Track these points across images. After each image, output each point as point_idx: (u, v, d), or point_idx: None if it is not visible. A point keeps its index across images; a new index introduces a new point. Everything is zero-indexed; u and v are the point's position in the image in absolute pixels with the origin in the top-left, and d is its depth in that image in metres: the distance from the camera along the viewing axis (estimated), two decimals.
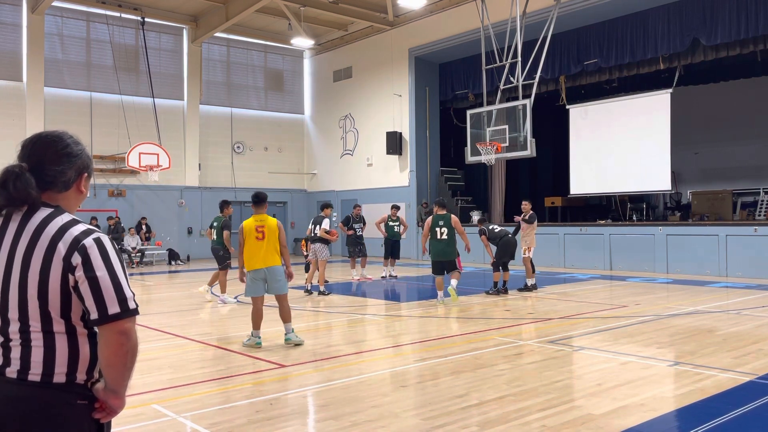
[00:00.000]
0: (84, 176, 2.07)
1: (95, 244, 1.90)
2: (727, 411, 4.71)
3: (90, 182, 2.12)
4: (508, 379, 5.72)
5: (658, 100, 16.98)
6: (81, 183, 2.06)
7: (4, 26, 19.42)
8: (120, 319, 1.87)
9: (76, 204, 2.08)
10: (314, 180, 25.99)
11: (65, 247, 1.87)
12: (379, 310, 10.65)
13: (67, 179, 2.01)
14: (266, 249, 7.45)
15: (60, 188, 2.00)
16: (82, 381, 1.91)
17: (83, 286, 1.86)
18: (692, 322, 8.69)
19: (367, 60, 23.29)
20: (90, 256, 1.87)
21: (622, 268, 16.47)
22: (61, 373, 1.87)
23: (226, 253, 11.51)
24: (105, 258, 1.89)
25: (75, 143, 2.06)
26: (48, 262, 1.86)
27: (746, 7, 14.82)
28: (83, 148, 2.08)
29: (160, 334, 8.35)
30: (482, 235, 12.16)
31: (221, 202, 11.69)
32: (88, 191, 2.11)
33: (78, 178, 2.04)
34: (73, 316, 1.90)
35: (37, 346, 1.87)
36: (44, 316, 1.87)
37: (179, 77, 22.86)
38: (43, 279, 1.86)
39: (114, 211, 21.08)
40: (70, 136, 2.07)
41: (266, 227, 7.50)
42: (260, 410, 4.93)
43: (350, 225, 15.21)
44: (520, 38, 15.17)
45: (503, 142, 15.41)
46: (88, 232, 1.92)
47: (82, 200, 2.10)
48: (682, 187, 21.14)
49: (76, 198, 2.07)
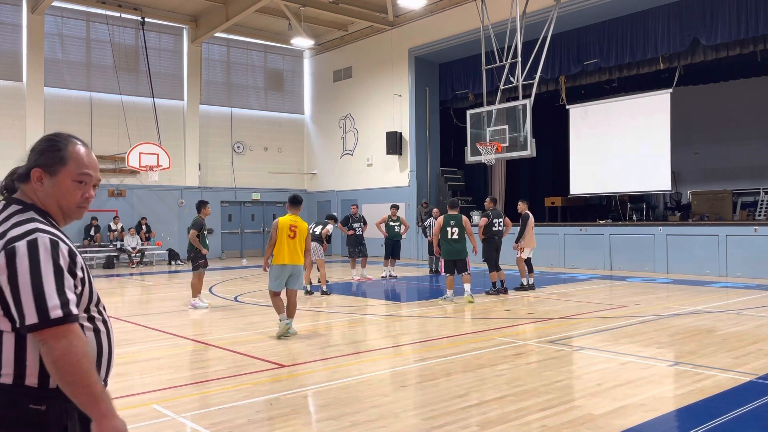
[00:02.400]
0: (37, 170, 1.97)
1: (26, 247, 1.79)
2: (727, 411, 4.71)
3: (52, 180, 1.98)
4: (508, 379, 5.72)
5: (658, 100, 16.99)
6: (33, 177, 1.97)
7: (4, 26, 19.41)
8: (38, 329, 1.75)
9: (49, 202, 1.99)
10: (314, 180, 25.99)
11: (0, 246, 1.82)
12: (379, 310, 10.65)
13: (23, 170, 2.00)
14: (295, 248, 8.09)
15: (19, 179, 2.01)
16: (33, 384, 1.82)
17: (6, 291, 1.78)
18: (692, 322, 8.69)
19: (367, 60, 23.29)
20: (16, 260, 1.78)
21: (622, 268, 16.46)
22: (7, 374, 1.81)
23: (198, 255, 10.79)
24: (33, 262, 1.78)
25: (51, 141, 2.02)
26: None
27: (746, 7, 14.82)
28: (57, 148, 2.00)
29: (160, 334, 8.35)
30: (483, 217, 12.14)
31: (198, 203, 11.06)
32: (49, 190, 1.98)
33: (32, 169, 1.97)
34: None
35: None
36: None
37: (179, 77, 22.86)
38: None
39: (114, 210, 21.08)
40: (57, 136, 2.04)
41: (298, 228, 8.19)
42: (260, 410, 4.93)
43: (350, 225, 15.22)
44: (520, 38, 15.17)
45: (503, 142, 15.41)
46: (29, 232, 1.83)
47: (53, 200, 1.99)
48: (682, 187, 21.14)
49: (38, 193, 1.98)
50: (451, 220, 10.96)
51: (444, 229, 10.97)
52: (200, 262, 10.83)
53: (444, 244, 11.04)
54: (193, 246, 10.88)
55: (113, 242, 20.40)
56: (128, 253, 20.18)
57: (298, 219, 8.27)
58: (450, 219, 10.98)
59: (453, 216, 11.00)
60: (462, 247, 11.00)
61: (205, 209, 10.93)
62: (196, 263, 10.85)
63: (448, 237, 10.94)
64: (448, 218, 11.01)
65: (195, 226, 10.85)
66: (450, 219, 10.98)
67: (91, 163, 2.06)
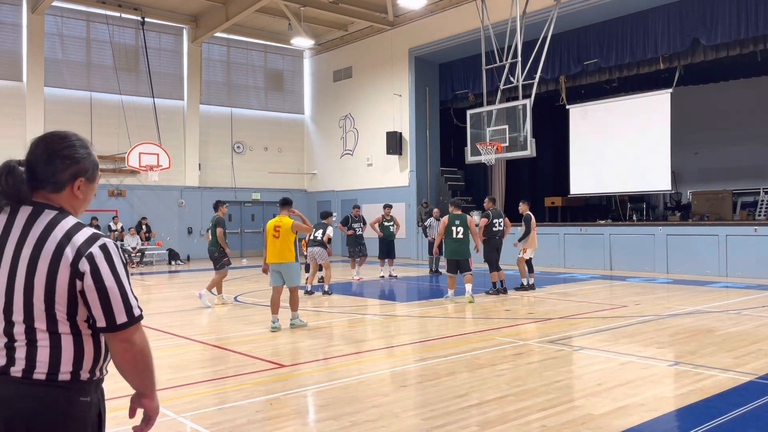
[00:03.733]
0: (80, 180, 2.01)
1: (102, 252, 1.91)
2: (727, 411, 4.71)
3: (89, 186, 2.05)
4: (508, 379, 5.72)
5: (658, 100, 16.98)
6: (74, 186, 2.00)
7: (4, 26, 19.42)
8: (127, 328, 1.92)
9: (79, 207, 2.05)
10: (314, 180, 25.99)
11: (72, 252, 1.87)
12: (379, 310, 10.66)
13: (57, 180, 1.97)
14: (279, 247, 8.55)
15: (51, 188, 1.97)
16: (85, 378, 1.93)
17: (91, 295, 1.89)
18: (692, 322, 8.69)
19: (367, 60, 23.29)
20: (98, 265, 1.89)
21: (622, 268, 16.46)
22: (66, 371, 1.89)
23: (222, 254, 11.06)
24: (111, 267, 1.91)
25: (81, 146, 2.02)
26: (55, 267, 1.86)
27: (746, 7, 14.81)
28: (88, 153, 2.04)
29: (160, 334, 8.35)
30: (483, 218, 12.16)
31: (215, 202, 11.48)
32: (86, 196, 2.04)
33: (72, 181, 1.99)
34: (78, 319, 1.92)
35: (43, 346, 1.88)
36: (50, 318, 1.88)
37: (179, 77, 22.86)
38: (50, 283, 1.86)
39: (114, 210, 21.09)
40: (78, 139, 2.04)
41: (282, 227, 8.60)
42: (260, 410, 4.93)
43: (350, 225, 15.23)
44: (520, 38, 15.17)
45: (503, 142, 15.41)
46: (95, 237, 1.93)
47: (85, 204, 2.06)
48: (682, 187, 21.14)
49: (74, 201, 2.02)
50: (456, 219, 11.07)
51: (449, 228, 11.07)
52: (225, 260, 11.07)
53: (449, 243, 11.13)
54: (218, 245, 11.05)
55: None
56: (128, 253, 20.19)
57: (283, 218, 8.69)
58: (455, 219, 11.09)
59: (458, 216, 11.13)
60: (466, 247, 11.10)
61: (222, 208, 11.36)
62: (221, 262, 11.04)
63: (453, 236, 11.04)
64: (453, 218, 11.11)
65: (220, 224, 11.14)
66: (455, 219, 11.09)
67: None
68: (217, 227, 11.06)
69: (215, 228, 11.09)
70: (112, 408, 2.12)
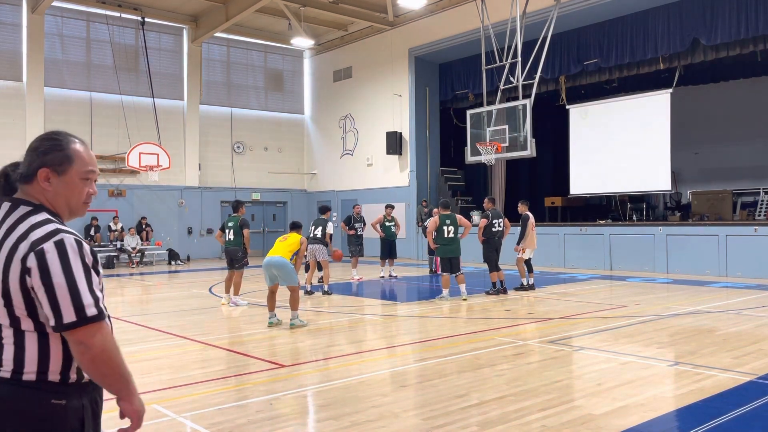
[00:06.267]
0: (45, 171, 1.96)
1: (55, 248, 1.82)
2: (727, 411, 4.71)
3: (60, 179, 1.99)
4: (508, 379, 5.72)
5: (658, 100, 16.99)
6: (40, 177, 1.96)
7: (4, 26, 19.41)
8: (76, 327, 1.81)
9: (58, 202, 2.00)
10: (314, 180, 25.98)
11: (25, 248, 1.83)
12: (379, 310, 10.66)
13: (25, 172, 1.97)
14: (282, 247, 9.02)
15: (23, 181, 1.98)
16: (55, 380, 1.87)
17: (39, 292, 1.81)
18: (692, 322, 8.69)
19: (367, 60, 23.28)
20: (47, 261, 1.81)
21: (622, 268, 16.46)
22: (31, 371, 1.84)
23: (245, 254, 11.13)
24: (64, 262, 1.82)
25: (51, 140, 2.00)
26: (9, 263, 1.84)
27: (746, 7, 14.82)
28: (57, 146, 1.99)
29: (160, 334, 8.35)
30: (483, 218, 12.19)
31: (235, 202, 11.49)
32: (57, 189, 1.98)
33: (37, 172, 1.96)
34: (40, 315, 1.86)
35: (8, 344, 1.85)
36: (11, 315, 1.85)
37: (179, 77, 22.85)
38: (5, 279, 1.84)
39: (114, 210, 21.08)
40: (56, 134, 2.03)
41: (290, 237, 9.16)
42: (260, 410, 4.93)
43: (352, 225, 15.23)
44: (520, 38, 15.17)
45: (503, 142, 15.41)
46: (54, 233, 1.85)
47: (61, 199, 2.00)
48: (682, 187, 21.13)
49: (46, 194, 1.98)
50: (446, 219, 11.30)
51: (440, 228, 11.28)
52: (245, 260, 11.16)
53: (440, 243, 11.34)
54: (242, 245, 11.09)
55: (113, 242, 20.40)
56: (128, 253, 20.18)
57: (290, 235, 9.21)
58: (445, 218, 11.31)
59: (448, 215, 11.39)
60: (456, 246, 11.36)
61: (242, 208, 11.41)
62: (241, 262, 11.08)
63: (445, 236, 11.26)
64: (443, 218, 11.34)
65: (246, 224, 11.19)
66: (445, 218, 11.31)
67: (92, 160, 2.09)
68: (243, 228, 11.11)
69: (241, 228, 11.10)
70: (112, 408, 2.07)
